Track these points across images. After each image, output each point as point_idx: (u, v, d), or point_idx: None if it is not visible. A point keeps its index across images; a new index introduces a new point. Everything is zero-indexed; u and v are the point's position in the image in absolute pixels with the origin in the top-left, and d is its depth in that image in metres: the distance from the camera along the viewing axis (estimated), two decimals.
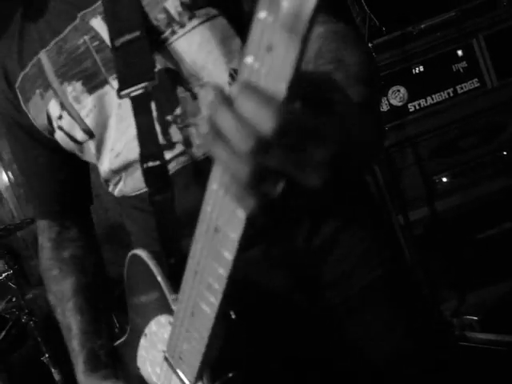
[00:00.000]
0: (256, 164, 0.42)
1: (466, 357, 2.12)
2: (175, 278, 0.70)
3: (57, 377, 2.61)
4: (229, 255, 0.53)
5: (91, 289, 1.04)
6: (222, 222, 0.52)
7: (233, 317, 0.71)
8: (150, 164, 0.83)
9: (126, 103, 0.84)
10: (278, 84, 0.41)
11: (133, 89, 0.82)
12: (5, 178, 3.80)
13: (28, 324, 2.62)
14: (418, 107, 2.38)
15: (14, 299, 2.76)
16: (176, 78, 0.83)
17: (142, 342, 0.86)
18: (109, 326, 1.03)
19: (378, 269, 0.91)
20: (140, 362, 0.88)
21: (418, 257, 2.35)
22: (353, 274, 0.89)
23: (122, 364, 0.95)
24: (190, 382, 0.72)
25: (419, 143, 2.40)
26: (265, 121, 0.40)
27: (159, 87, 0.82)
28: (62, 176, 1.04)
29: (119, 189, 0.94)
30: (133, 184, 0.90)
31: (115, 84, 0.84)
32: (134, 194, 0.92)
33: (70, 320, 1.00)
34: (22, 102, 0.94)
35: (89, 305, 1.01)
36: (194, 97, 0.83)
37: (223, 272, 0.54)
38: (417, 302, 1.00)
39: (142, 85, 0.82)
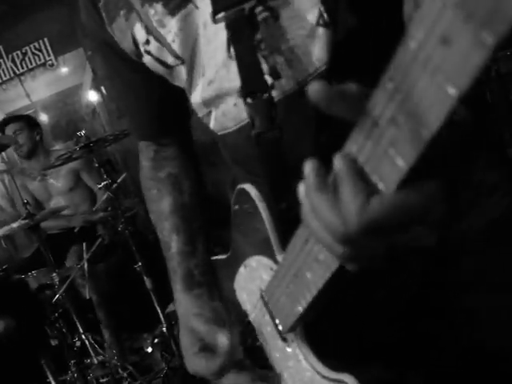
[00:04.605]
0: (350, 249, 0.42)
1: None
2: (284, 225, 0.69)
3: (149, 285, 2.70)
4: None
5: (188, 208, 1.02)
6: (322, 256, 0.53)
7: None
8: (253, 98, 0.74)
9: (211, 24, 0.75)
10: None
11: (230, 12, 0.72)
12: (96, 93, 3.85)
13: (123, 233, 2.69)
14: None
15: (109, 208, 2.84)
16: None
17: (241, 270, 0.86)
18: (205, 245, 1.01)
19: None
20: (237, 286, 0.88)
21: None
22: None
23: (218, 280, 0.95)
24: (282, 329, 0.72)
25: None
26: (349, 219, 0.39)
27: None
28: (155, 97, 0.99)
29: (210, 125, 0.87)
30: (224, 120, 0.83)
31: (199, 2, 0.75)
32: (223, 133, 0.85)
33: (168, 239, 1.00)
34: (106, 23, 0.88)
35: (185, 224, 1.00)
36: (276, 18, 0.72)
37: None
38: None
39: (240, 6, 0.71)
